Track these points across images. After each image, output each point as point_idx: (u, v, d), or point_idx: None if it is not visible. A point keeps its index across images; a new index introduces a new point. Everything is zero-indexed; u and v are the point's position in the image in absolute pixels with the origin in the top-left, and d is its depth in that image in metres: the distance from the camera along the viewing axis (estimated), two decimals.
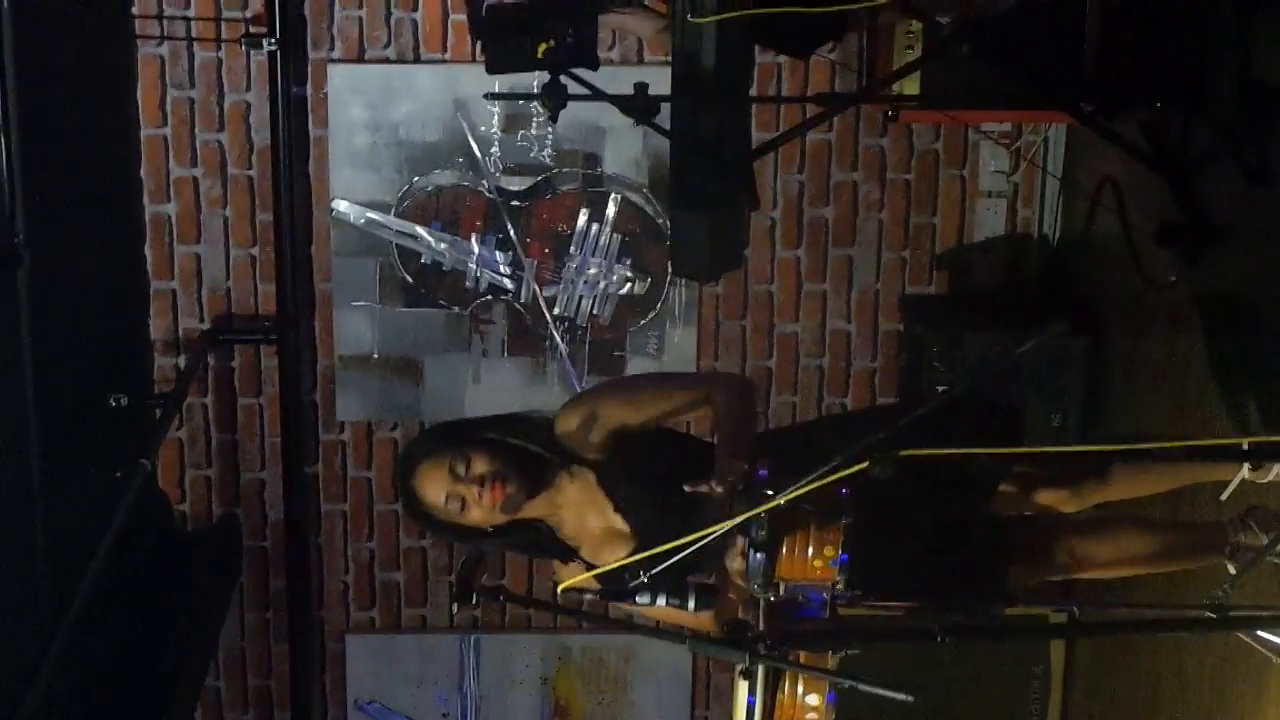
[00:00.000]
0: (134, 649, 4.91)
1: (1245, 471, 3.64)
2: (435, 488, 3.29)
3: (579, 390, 5.67)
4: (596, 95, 3.86)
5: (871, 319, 6.02)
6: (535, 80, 3.85)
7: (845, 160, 5.86)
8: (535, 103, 4.87)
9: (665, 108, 3.91)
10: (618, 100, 3.83)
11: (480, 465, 3.26)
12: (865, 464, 2.35)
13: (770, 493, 2.49)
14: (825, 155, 5.84)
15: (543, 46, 3.76)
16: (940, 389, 5.26)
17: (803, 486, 2.36)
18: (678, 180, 3.94)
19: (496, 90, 4.46)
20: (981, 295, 5.99)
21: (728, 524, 2.61)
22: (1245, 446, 3.09)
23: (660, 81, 3.89)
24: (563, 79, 3.84)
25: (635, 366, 5.96)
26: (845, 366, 6.05)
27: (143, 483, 4.21)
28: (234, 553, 5.89)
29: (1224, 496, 3.86)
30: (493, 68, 3.91)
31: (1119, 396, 5.24)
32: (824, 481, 2.36)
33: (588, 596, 2.96)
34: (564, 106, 3.83)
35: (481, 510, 3.26)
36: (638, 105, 3.79)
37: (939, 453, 2.40)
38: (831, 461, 2.40)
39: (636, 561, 2.87)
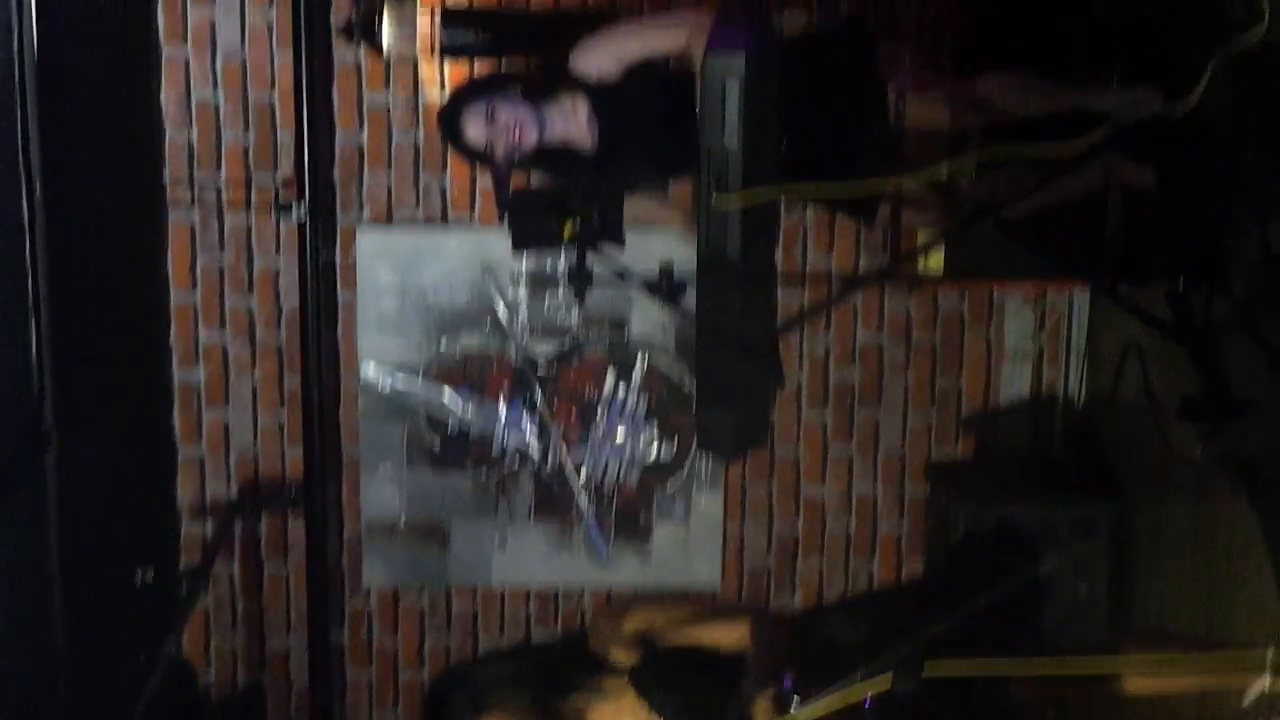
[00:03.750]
0: None
1: (1267, 683, 3.62)
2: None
3: (604, 557, 5.70)
4: (623, 277, 3.88)
5: (898, 482, 6.00)
6: (563, 255, 3.90)
7: (871, 323, 5.87)
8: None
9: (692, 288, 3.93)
10: (644, 283, 3.85)
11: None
12: (888, 679, 2.33)
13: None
14: (851, 318, 5.86)
15: (568, 226, 3.78)
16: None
17: (825, 700, 2.34)
18: (703, 362, 3.95)
19: (523, 272, 4.50)
20: (1008, 459, 5.97)
21: None
22: (1269, 658, 3.06)
23: (688, 253, 3.92)
24: (589, 258, 3.86)
25: (662, 532, 5.94)
26: (871, 531, 6.02)
27: (168, 663, 4.20)
28: None
29: (1245, 703, 3.83)
30: (518, 245, 3.93)
31: (1145, 564, 5.20)
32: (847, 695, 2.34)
33: None
34: (589, 287, 3.85)
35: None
36: (663, 289, 3.81)
37: (963, 670, 2.38)
38: (855, 673, 2.39)
39: None
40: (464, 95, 4.36)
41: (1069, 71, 4.44)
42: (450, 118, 4.34)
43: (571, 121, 4.34)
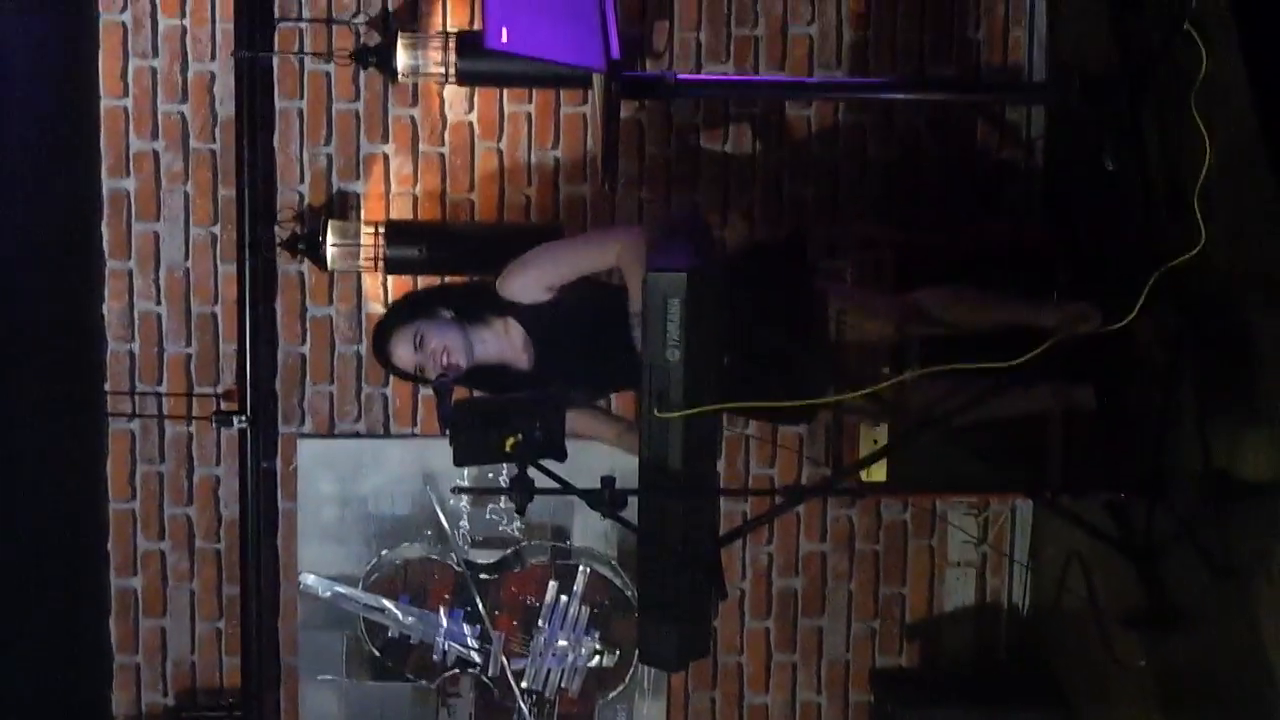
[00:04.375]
0: None
1: None
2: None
3: None
4: (565, 489, 3.87)
5: (842, 690, 5.96)
6: (505, 469, 3.88)
7: (814, 532, 5.87)
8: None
9: (634, 499, 3.92)
10: (585, 495, 3.84)
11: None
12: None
13: None
14: (794, 527, 5.86)
15: (510, 441, 3.77)
16: None
17: None
18: (645, 573, 3.93)
19: (464, 483, 4.49)
20: (952, 667, 5.94)
21: None
22: None
23: (630, 463, 3.92)
24: (530, 472, 3.85)
25: None
26: None
27: None
28: None
29: None
30: (460, 460, 3.91)
31: None
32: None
33: None
34: (531, 500, 3.84)
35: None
36: (605, 501, 3.80)
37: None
38: None
39: None
40: (392, 319, 4.40)
41: (1008, 287, 4.51)
42: (380, 341, 4.38)
43: (505, 343, 4.38)
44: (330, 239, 5.43)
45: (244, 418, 5.53)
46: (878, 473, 4.71)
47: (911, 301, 4.50)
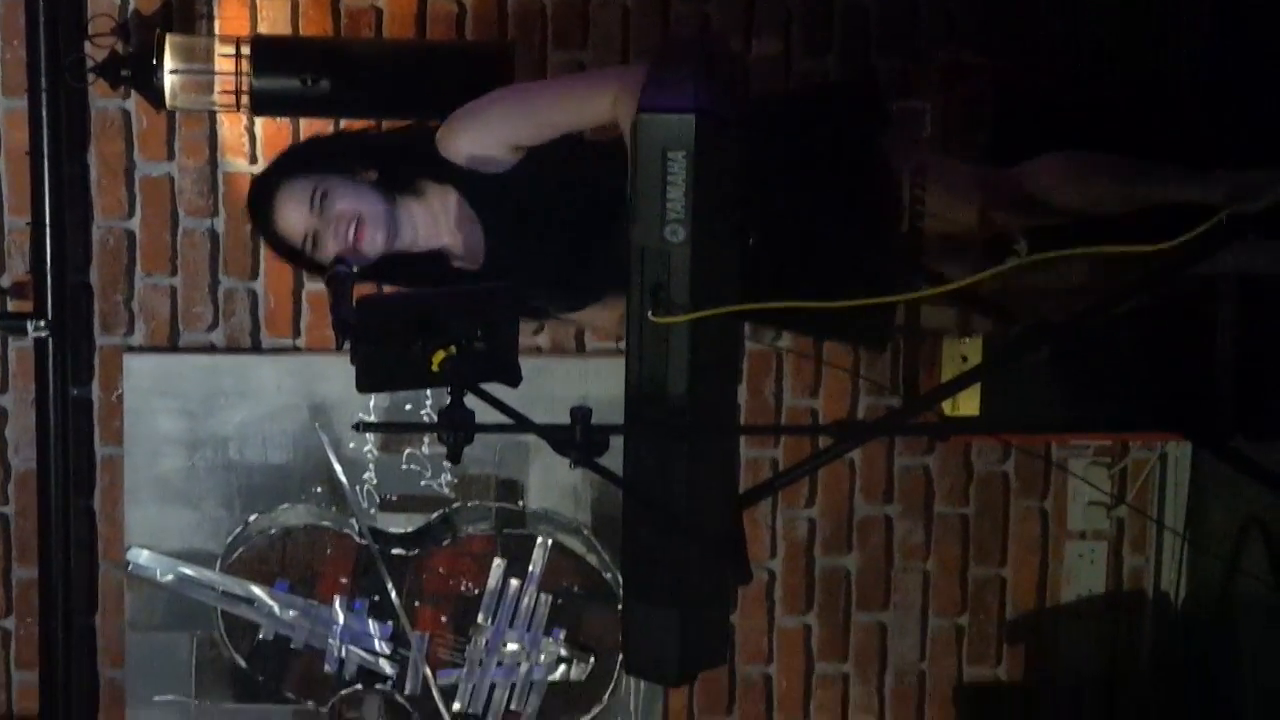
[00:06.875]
0: None
1: None
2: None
3: None
4: (518, 426, 3.88)
5: (914, 715, 6.04)
6: (429, 398, 3.90)
7: (874, 489, 5.94)
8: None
9: (617, 441, 3.95)
10: (548, 434, 3.86)
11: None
12: None
13: None
14: (845, 482, 5.93)
15: (440, 355, 3.78)
16: None
17: None
18: (631, 551, 3.97)
19: (370, 418, 4.50)
20: (1072, 682, 6.00)
21: None
22: None
23: (612, 392, 3.94)
24: (468, 402, 3.87)
25: None
26: None
27: None
28: None
29: None
30: (365, 384, 3.90)
31: None
32: None
33: None
34: (469, 443, 3.86)
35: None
36: (575, 442, 3.81)
37: None
38: None
39: None
40: (284, 166, 4.38)
41: (1152, 151, 4.52)
42: (260, 195, 4.36)
43: (442, 225, 4.36)
44: (169, 63, 5.42)
45: (42, 323, 5.54)
46: (968, 404, 4.73)
47: (1015, 177, 4.52)
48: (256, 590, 5.87)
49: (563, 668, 5.95)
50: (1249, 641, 5.43)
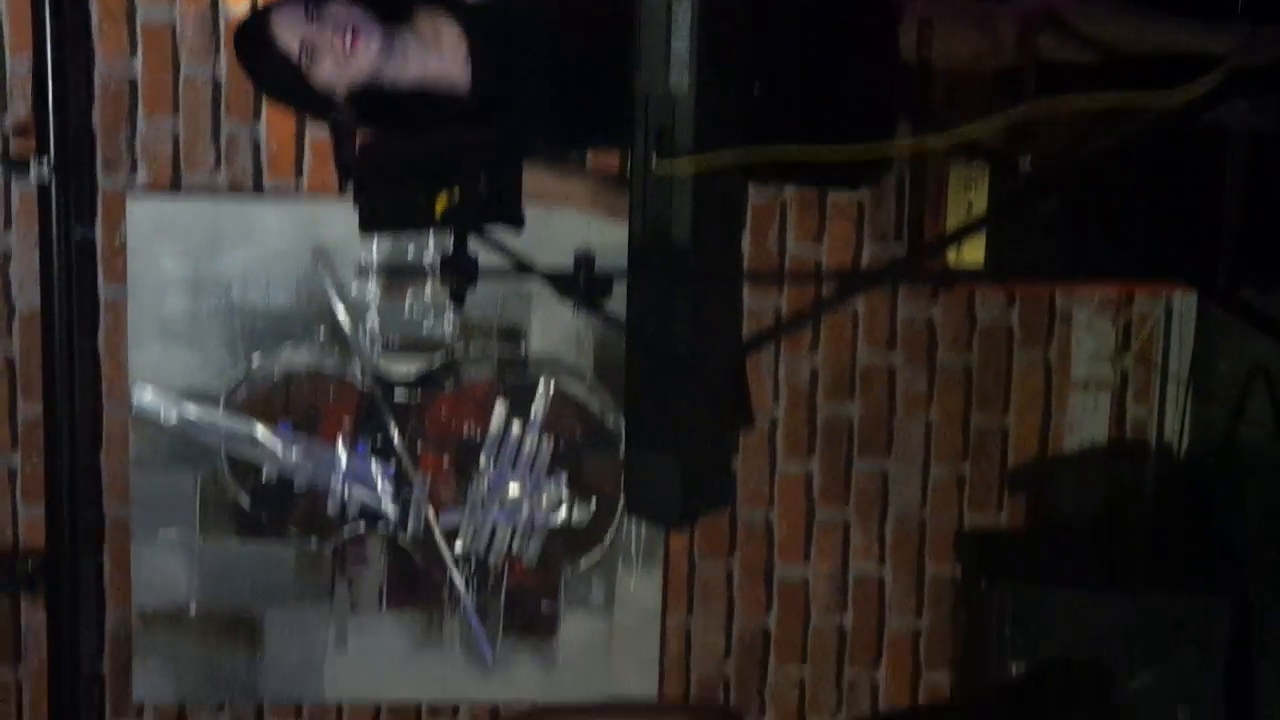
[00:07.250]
0: None
1: None
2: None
3: (488, 660, 5.77)
4: (521, 270, 3.89)
5: (914, 562, 6.07)
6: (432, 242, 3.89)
7: (877, 336, 5.94)
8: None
9: (619, 289, 3.94)
10: (552, 279, 3.86)
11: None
12: None
13: None
14: (848, 330, 5.93)
15: (442, 199, 3.77)
16: None
17: None
18: (635, 391, 3.97)
19: (374, 260, 4.48)
20: (1075, 529, 6.03)
21: None
22: None
23: (615, 237, 3.92)
24: (471, 246, 3.86)
25: (572, 625, 5.99)
26: (877, 627, 6.10)
27: None
28: None
29: None
30: (368, 226, 3.91)
31: (1275, 683, 5.25)
32: None
33: None
34: (472, 286, 3.86)
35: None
36: (579, 287, 3.82)
37: None
38: None
39: None
40: None
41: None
42: (254, 23, 4.29)
43: (434, 55, 4.32)
44: None
45: (46, 164, 5.53)
46: (973, 252, 4.72)
47: (1026, 15, 4.48)
48: (260, 430, 5.87)
49: (564, 511, 5.96)
50: (1252, 489, 5.43)
